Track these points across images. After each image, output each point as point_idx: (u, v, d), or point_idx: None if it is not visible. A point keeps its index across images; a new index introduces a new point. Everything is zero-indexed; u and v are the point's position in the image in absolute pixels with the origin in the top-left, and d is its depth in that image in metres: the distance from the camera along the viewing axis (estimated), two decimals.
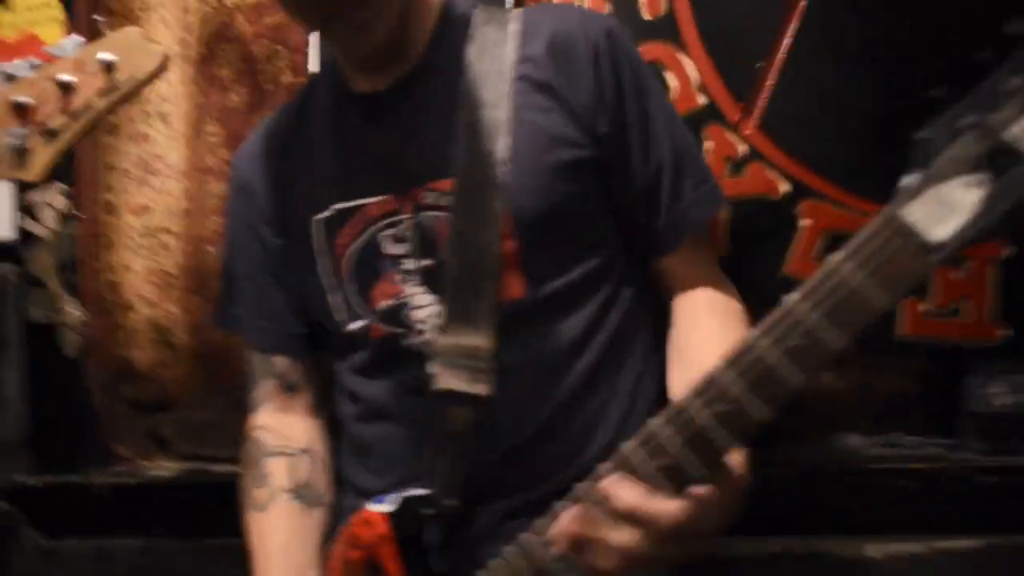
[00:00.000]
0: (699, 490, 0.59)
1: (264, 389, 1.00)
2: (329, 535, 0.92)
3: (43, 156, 0.84)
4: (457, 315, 0.80)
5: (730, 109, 1.16)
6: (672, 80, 1.17)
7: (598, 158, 0.84)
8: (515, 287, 0.82)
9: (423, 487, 0.81)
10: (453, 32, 0.87)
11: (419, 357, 0.83)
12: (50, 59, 0.86)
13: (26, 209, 1.42)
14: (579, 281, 0.85)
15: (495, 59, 0.83)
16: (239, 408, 1.38)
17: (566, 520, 0.64)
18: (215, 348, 1.43)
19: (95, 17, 1.41)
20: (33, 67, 0.86)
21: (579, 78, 0.83)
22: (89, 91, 0.84)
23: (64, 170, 1.40)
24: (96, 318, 1.42)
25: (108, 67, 0.84)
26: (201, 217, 1.42)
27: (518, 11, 0.89)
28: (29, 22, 1.44)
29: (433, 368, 0.81)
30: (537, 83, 0.84)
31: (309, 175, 0.92)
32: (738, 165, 1.16)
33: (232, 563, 1.29)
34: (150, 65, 0.85)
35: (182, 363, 1.45)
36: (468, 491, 0.81)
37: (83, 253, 1.41)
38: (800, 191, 1.15)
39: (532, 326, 0.83)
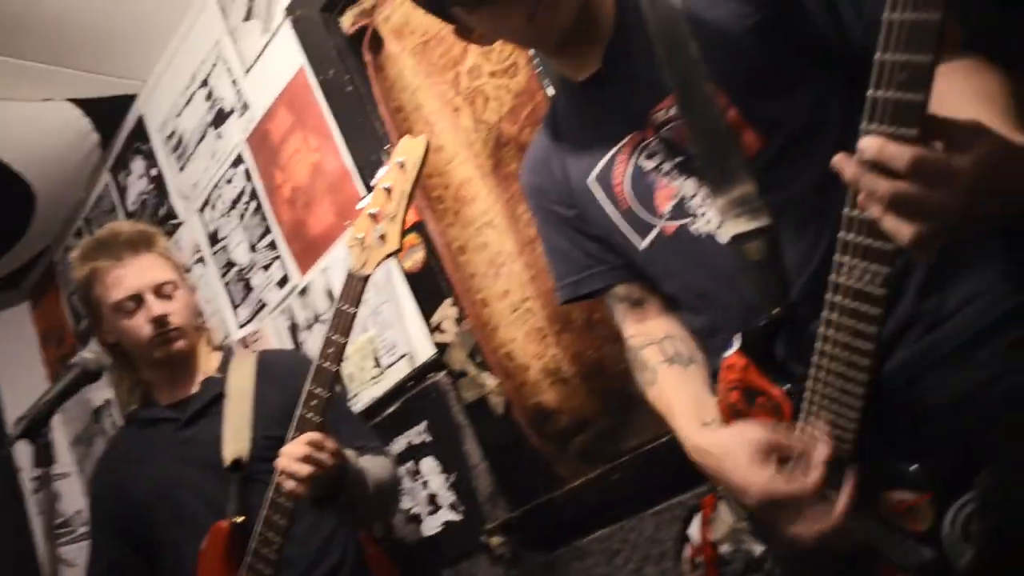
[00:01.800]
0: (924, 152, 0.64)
1: (620, 314, 1.24)
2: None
3: (394, 233, 1.37)
4: (718, 180, 1.00)
5: None
6: None
7: (775, 14, 0.99)
8: (754, 142, 0.99)
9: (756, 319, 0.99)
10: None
11: (708, 237, 1.04)
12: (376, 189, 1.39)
13: (433, 328, 1.93)
14: (808, 118, 0.98)
15: None
16: (630, 404, 1.68)
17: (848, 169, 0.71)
18: (592, 366, 1.75)
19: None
20: (370, 190, 1.40)
21: None
22: (399, 183, 1.37)
23: (446, 290, 1.90)
24: (506, 382, 1.83)
25: (401, 165, 1.37)
26: (542, 275, 1.81)
27: None
28: None
29: (719, 227, 1.01)
30: None
31: (573, 153, 1.20)
32: None
33: (676, 519, 1.53)
34: (420, 151, 1.38)
35: (576, 390, 1.79)
36: (789, 300, 0.96)
37: (480, 340, 1.86)
38: None
39: (784, 165, 0.99)
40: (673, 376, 1.16)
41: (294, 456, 1.33)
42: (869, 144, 0.68)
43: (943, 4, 0.62)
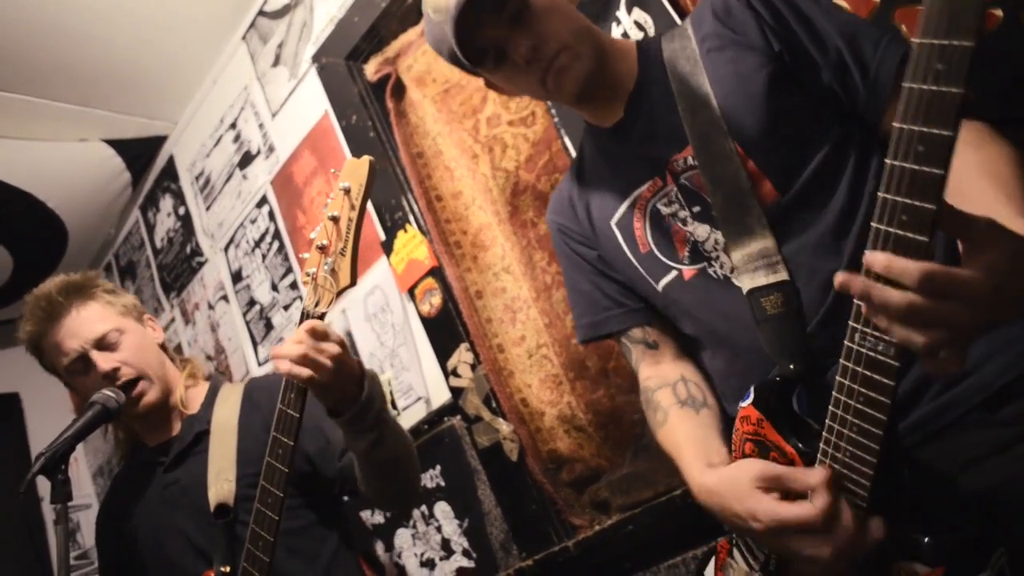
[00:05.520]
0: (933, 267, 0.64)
1: (636, 356, 1.25)
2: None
3: (344, 267, 1.25)
4: (737, 232, 1.02)
5: None
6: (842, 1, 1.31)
7: (784, 68, 1.02)
8: (769, 193, 1.01)
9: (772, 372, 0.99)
10: (649, 57, 1.16)
11: (726, 279, 1.06)
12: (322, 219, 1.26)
13: (449, 372, 1.94)
14: (822, 167, 0.99)
15: (684, 54, 1.11)
16: (646, 454, 1.67)
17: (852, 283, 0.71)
18: (608, 414, 1.74)
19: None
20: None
21: (740, 21, 1.06)
22: (344, 211, 1.25)
23: (463, 335, 1.91)
24: (520, 428, 1.83)
25: (346, 191, 1.25)
26: (558, 321, 1.81)
27: (687, 20, 1.17)
28: (408, 253, 2.06)
29: (738, 279, 1.03)
30: (718, 48, 1.08)
31: (596, 196, 1.23)
32: None
33: (690, 572, 1.51)
34: (364, 172, 1.25)
35: (592, 438, 1.78)
36: (805, 355, 0.97)
37: (495, 385, 1.86)
38: None
39: (800, 214, 1.00)
40: (684, 418, 1.15)
41: (290, 357, 1.22)
42: (876, 259, 0.68)
43: (957, 122, 0.62)
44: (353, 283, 1.25)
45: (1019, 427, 0.87)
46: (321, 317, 1.27)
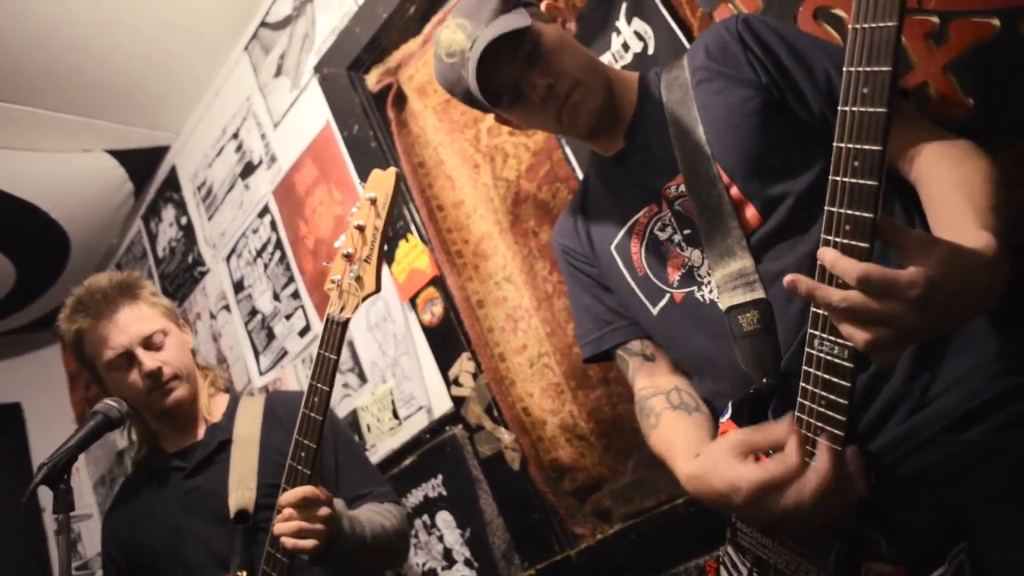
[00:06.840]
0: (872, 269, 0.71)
1: (633, 367, 1.28)
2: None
3: (369, 274, 1.32)
4: (718, 253, 1.07)
5: None
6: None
7: (772, 98, 1.08)
8: (753, 217, 1.07)
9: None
10: (648, 88, 1.23)
11: (712, 304, 1.09)
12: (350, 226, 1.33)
13: (451, 381, 1.94)
14: (808, 193, 1.03)
15: (678, 86, 1.18)
16: (648, 463, 1.66)
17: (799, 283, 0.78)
18: (609, 423, 1.74)
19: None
20: (350, 232, 1.35)
21: (732, 56, 1.12)
22: (370, 221, 1.33)
23: (464, 344, 1.91)
24: (522, 437, 1.83)
25: (372, 201, 1.33)
26: (559, 330, 1.81)
27: (685, 53, 1.22)
28: (410, 263, 2.06)
29: (718, 297, 1.08)
30: (707, 79, 1.14)
31: (597, 221, 1.29)
32: (938, 34, 1.20)
33: None
34: (390, 184, 1.33)
35: (594, 446, 1.78)
36: (779, 369, 1.00)
37: (497, 395, 1.86)
38: None
39: (782, 239, 1.04)
40: (676, 420, 1.17)
41: (284, 517, 1.30)
42: (826, 256, 0.76)
43: (884, 138, 0.71)
44: (378, 289, 1.31)
45: (985, 447, 0.90)
46: (346, 323, 1.32)
